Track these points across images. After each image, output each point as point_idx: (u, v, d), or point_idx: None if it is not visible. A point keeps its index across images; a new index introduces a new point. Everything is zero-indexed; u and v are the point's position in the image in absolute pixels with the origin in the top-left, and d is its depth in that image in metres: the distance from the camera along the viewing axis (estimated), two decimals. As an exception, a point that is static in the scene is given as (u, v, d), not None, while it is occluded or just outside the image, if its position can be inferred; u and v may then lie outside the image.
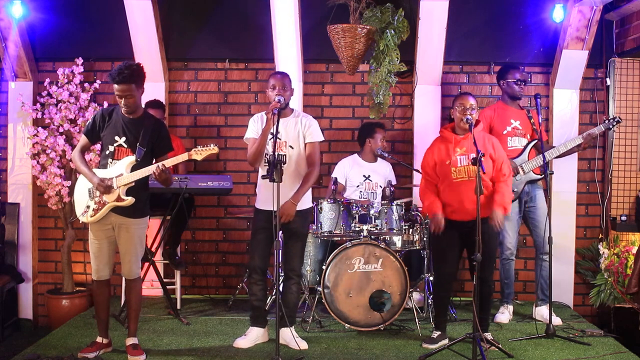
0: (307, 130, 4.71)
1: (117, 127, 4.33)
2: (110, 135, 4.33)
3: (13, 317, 6.04)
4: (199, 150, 4.34)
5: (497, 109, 5.45)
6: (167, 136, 4.47)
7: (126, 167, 4.28)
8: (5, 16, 5.75)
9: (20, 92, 5.98)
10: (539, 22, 6.03)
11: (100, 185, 4.24)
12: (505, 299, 5.52)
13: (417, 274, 5.54)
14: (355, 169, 5.76)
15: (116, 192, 4.27)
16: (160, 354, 4.56)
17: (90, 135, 4.40)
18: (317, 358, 4.52)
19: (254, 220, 4.81)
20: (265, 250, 4.73)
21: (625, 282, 5.54)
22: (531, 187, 5.39)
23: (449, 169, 4.64)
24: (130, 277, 4.45)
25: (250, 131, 4.72)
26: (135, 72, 4.21)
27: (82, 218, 4.40)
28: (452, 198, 4.65)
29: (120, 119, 4.33)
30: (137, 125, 4.33)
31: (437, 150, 4.73)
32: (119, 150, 4.33)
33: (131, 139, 4.31)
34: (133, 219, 4.36)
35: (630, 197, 6.08)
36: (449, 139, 4.72)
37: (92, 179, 4.29)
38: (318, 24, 5.85)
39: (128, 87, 4.20)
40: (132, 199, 4.28)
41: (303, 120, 4.73)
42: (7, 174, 6.15)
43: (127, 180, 4.25)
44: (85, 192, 4.39)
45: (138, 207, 4.35)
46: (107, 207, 4.31)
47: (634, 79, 6.08)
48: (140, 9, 5.76)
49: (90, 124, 4.39)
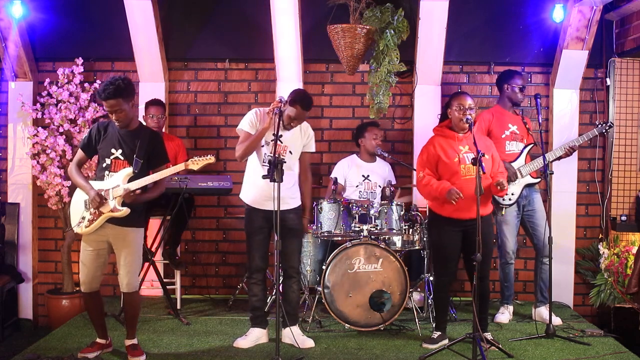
0: (308, 142, 4.89)
1: (113, 140, 4.34)
2: (107, 148, 4.35)
3: (13, 317, 6.04)
4: (196, 161, 4.36)
5: (495, 113, 5.44)
6: (163, 149, 4.48)
7: (123, 179, 4.29)
8: (5, 16, 5.75)
9: (20, 92, 5.98)
10: (539, 22, 6.03)
11: (95, 201, 4.24)
12: (505, 300, 5.52)
13: (417, 274, 5.54)
14: (353, 169, 5.76)
15: (112, 203, 4.27)
16: (160, 354, 4.56)
17: (86, 150, 4.42)
18: (317, 358, 4.52)
19: (248, 220, 4.80)
20: (265, 250, 4.76)
21: (625, 282, 5.54)
22: (529, 190, 5.38)
23: (458, 166, 4.62)
24: (129, 290, 4.40)
25: (246, 124, 4.72)
26: (121, 87, 4.19)
27: (77, 229, 4.40)
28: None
29: (116, 132, 4.35)
30: (133, 138, 4.34)
31: (440, 147, 4.68)
32: (116, 162, 4.34)
33: (127, 151, 4.32)
34: (129, 228, 4.35)
35: (630, 197, 6.08)
36: (452, 137, 4.70)
37: (89, 191, 4.29)
38: (318, 24, 5.85)
39: (116, 102, 4.20)
40: (127, 209, 4.27)
41: (307, 131, 4.88)
42: (7, 174, 6.15)
43: (122, 192, 4.24)
44: (82, 204, 4.39)
45: (134, 217, 4.34)
46: (102, 217, 4.30)
47: (634, 79, 6.08)
48: (140, 8, 5.76)
49: (87, 138, 4.41)
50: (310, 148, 4.91)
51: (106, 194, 4.27)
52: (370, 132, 5.75)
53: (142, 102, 5.91)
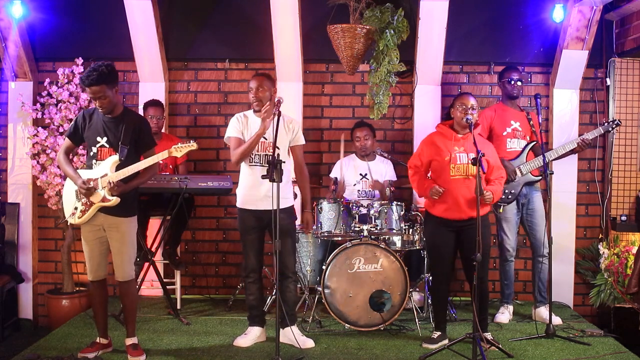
0: (294, 135, 4.77)
1: (98, 128, 4.33)
2: (93, 137, 4.34)
3: (13, 317, 6.04)
4: (178, 147, 4.38)
5: (497, 109, 5.45)
6: (148, 131, 4.46)
7: (110, 167, 4.28)
8: (5, 16, 5.75)
9: (20, 92, 5.98)
10: (539, 22, 6.03)
11: (82, 188, 4.24)
12: (505, 300, 5.52)
13: (417, 274, 5.54)
14: (350, 168, 5.76)
15: (101, 193, 4.27)
16: (160, 354, 4.56)
17: (73, 138, 4.42)
18: (317, 358, 4.52)
19: (240, 220, 4.79)
20: (259, 249, 4.76)
21: (625, 282, 5.54)
22: (529, 189, 5.38)
23: (448, 165, 4.64)
24: (124, 279, 4.41)
25: (232, 131, 4.72)
26: (104, 73, 4.18)
27: (71, 220, 4.40)
28: (447, 195, 4.63)
29: (100, 120, 4.34)
30: (117, 124, 4.32)
31: (435, 144, 4.71)
32: (102, 150, 4.33)
33: (112, 138, 4.31)
34: (121, 218, 4.34)
35: (630, 197, 6.08)
36: (448, 136, 4.72)
37: (77, 180, 4.29)
38: (318, 24, 5.85)
39: (99, 89, 4.19)
40: (118, 199, 4.26)
41: (289, 125, 4.76)
42: (7, 174, 6.15)
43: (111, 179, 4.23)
44: (73, 194, 4.39)
45: (125, 206, 4.33)
46: (93, 207, 4.30)
47: (634, 79, 6.08)
48: (140, 9, 5.76)
49: (73, 127, 4.40)
50: (298, 141, 4.79)
51: (95, 184, 4.26)
52: (358, 132, 5.74)
53: (142, 102, 5.93)
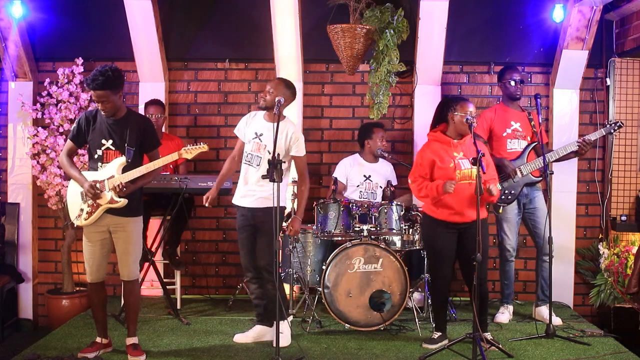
0: (294, 144, 4.68)
1: (103, 130, 4.31)
2: (97, 139, 4.32)
3: (13, 317, 6.04)
4: (189, 149, 4.38)
5: (498, 110, 5.45)
6: (153, 131, 4.46)
7: (117, 169, 4.28)
8: (5, 16, 5.75)
9: (20, 92, 5.98)
10: (539, 22, 6.03)
11: (90, 192, 4.23)
12: (505, 299, 5.52)
13: (417, 274, 5.54)
14: (355, 169, 5.76)
15: (109, 195, 4.26)
16: (160, 354, 4.56)
17: (76, 140, 4.39)
18: (317, 358, 4.52)
19: (236, 218, 4.82)
20: (250, 248, 4.74)
21: (625, 282, 5.54)
22: (530, 189, 5.37)
23: (454, 172, 4.63)
24: (130, 278, 4.43)
25: (236, 127, 4.85)
26: (110, 78, 4.16)
27: (77, 222, 4.39)
28: (453, 201, 4.62)
29: (104, 122, 4.32)
30: (121, 126, 4.31)
31: (436, 152, 4.69)
32: (107, 153, 4.32)
33: (118, 140, 4.30)
34: (128, 218, 4.35)
35: (630, 197, 6.08)
36: (446, 143, 4.71)
37: (83, 183, 4.28)
38: (318, 24, 5.85)
39: (103, 93, 4.18)
40: (126, 200, 4.26)
41: (290, 134, 4.67)
42: (7, 174, 6.15)
43: (118, 181, 4.22)
44: (78, 196, 4.37)
45: (132, 206, 4.34)
46: (100, 209, 4.30)
47: (634, 79, 6.08)
48: (140, 9, 5.76)
49: (76, 129, 4.37)
50: (298, 153, 4.70)
51: (102, 186, 4.25)
52: (377, 133, 5.75)
53: (142, 102, 5.92)
